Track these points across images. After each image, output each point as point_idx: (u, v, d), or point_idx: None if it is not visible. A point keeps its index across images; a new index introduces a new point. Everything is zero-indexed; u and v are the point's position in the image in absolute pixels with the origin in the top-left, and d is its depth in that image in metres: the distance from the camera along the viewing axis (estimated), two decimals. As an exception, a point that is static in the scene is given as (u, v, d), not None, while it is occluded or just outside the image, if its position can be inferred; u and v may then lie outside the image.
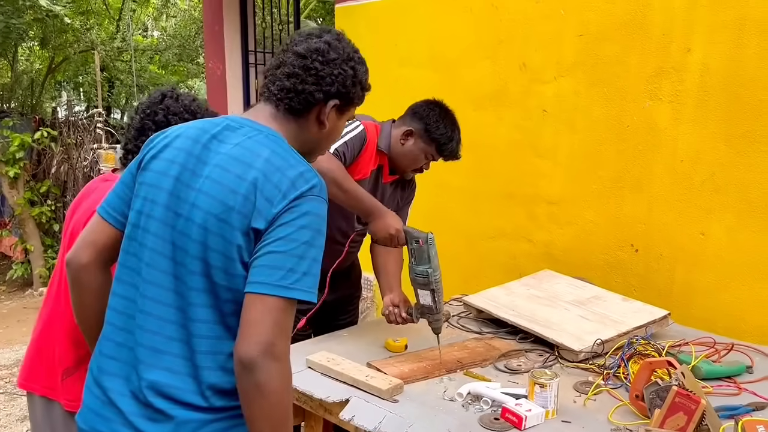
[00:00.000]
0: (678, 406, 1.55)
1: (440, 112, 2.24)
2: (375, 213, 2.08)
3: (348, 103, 1.44)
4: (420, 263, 1.99)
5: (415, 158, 2.25)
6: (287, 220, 1.23)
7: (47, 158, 6.20)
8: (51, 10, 6.87)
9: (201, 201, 1.26)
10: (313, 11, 10.81)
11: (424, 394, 1.86)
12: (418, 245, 1.99)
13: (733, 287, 2.61)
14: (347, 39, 1.46)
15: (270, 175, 1.25)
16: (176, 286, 1.27)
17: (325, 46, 1.38)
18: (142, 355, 1.29)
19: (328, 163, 2.02)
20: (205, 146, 1.31)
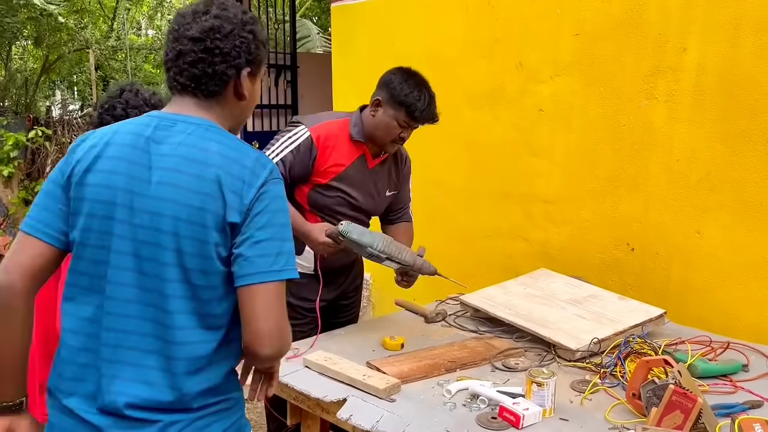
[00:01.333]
0: (675, 404, 1.55)
1: (402, 75, 2.20)
2: (303, 233, 2.16)
3: (258, 66, 1.40)
4: (359, 249, 2.10)
5: (388, 127, 2.20)
6: (261, 209, 1.26)
7: (42, 157, 6.17)
8: (45, 8, 6.84)
9: (163, 208, 1.24)
10: (309, 10, 10.80)
11: (421, 393, 1.86)
12: (342, 240, 2.09)
13: (728, 286, 2.62)
14: (232, 3, 1.37)
15: (229, 169, 1.25)
16: (148, 298, 1.25)
17: (218, 22, 1.31)
18: (113, 371, 1.27)
19: None
20: (144, 150, 1.27)
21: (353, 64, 4.02)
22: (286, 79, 6.08)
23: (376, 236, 2.12)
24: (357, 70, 4.00)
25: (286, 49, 6.11)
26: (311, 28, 9.61)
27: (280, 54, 6.02)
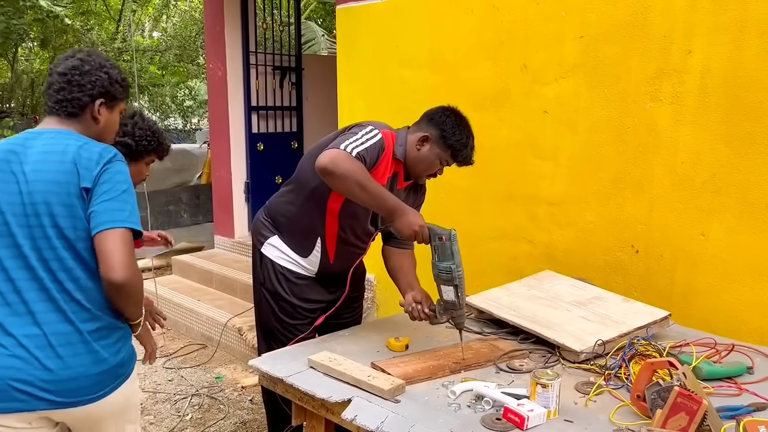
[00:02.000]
0: (680, 406, 1.55)
1: (456, 119, 2.26)
2: (398, 211, 2.10)
3: (112, 99, 1.81)
4: (443, 260, 2.04)
5: (431, 163, 2.27)
6: (105, 179, 1.68)
7: (48, 158, 6.20)
8: (52, 10, 6.88)
9: (35, 188, 1.66)
10: (314, 12, 10.83)
11: (426, 394, 1.86)
12: (441, 242, 2.04)
13: (733, 288, 2.62)
14: (98, 53, 1.88)
15: (82, 153, 1.68)
16: (36, 256, 1.66)
17: (79, 62, 1.77)
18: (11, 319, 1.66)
19: (351, 164, 2.04)
20: (16, 153, 1.69)
21: (358, 66, 4.03)
22: (291, 81, 6.10)
23: (461, 262, 2.07)
24: (362, 72, 4.01)
25: (291, 52, 6.13)
26: (316, 30, 9.63)
27: (285, 56, 6.03)
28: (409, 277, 2.38)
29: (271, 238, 2.44)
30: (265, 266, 2.44)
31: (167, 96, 13.18)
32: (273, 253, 2.42)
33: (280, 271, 2.41)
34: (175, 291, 5.13)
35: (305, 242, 2.38)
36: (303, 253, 2.39)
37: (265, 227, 2.47)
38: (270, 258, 2.43)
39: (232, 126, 5.71)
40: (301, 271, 2.42)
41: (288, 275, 2.41)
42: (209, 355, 4.31)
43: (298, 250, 2.40)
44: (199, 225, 7.25)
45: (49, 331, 1.66)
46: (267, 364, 2.09)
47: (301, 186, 2.35)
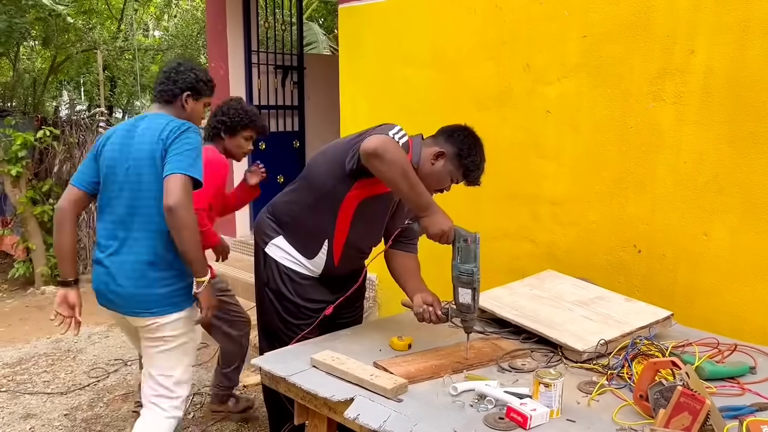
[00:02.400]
0: (683, 406, 1.55)
1: (473, 140, 2.27)
2: (430, 209, 2.10)
3: (197, 93, 2.47)
4: (466, 262, 2.05)
5: (442, 180, 2.28)
6: (177, 143, 2.26)
7: (49, 157, 6.18)
8: (54, 9, 6.87)
9: (137, 154, 2.29)
10: (315, 11, 10.82)
11: (429, 393, 1.86)
12: (465, 244, 2.05)
13: (735, 288, 2.62)
14: (192, 62, 2.61)
15: (167, 127, 2.29)
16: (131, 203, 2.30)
17: (176, 65, 2.48)
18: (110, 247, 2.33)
19: (399, 152, 2.03)
20: (129, 131, 2.36)
21: (360, 65, 4.03)
22: (292, 81, 6.10)
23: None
24: (364, 72, 4.01)
25: (293, 51, 6.13)
26: (317, 32, 9.62)
27: (287, 55, 6.03)
28: (416, 279, 2.38)
29: (275, 238, 2.43)
30: (269, 266, 2.44)
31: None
32: (277, 254, 2.42)
33: (284, 272, 2.41)
34: (176, 290, 5.12)
35: (311, 244, 2.38)
36: (308, 255, 2.39)
37: (270, 227, 2.46)
38: (274, 258, 2.42)
39: (234, 125, 5.70)
40: (305, 272, 2.42)
41: (292, 275, 2.41)
42: (210, 354, 4.31)
43: (303, 251, 2.39)
44: (201, 224, 7.25)
45: (128, 259, 2.29)
46: (269, 363, 2.09)
47: (312, 187, 2.34)
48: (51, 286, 6.04)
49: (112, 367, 4.11)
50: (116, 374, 4.00)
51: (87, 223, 6.30)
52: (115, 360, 4.22)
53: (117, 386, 3.83)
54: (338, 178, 2.25)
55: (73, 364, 4.18)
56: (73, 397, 3.69)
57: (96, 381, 3.90)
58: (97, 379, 3.92)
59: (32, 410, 3.53)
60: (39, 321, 5.12)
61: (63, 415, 3.48)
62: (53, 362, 4.22)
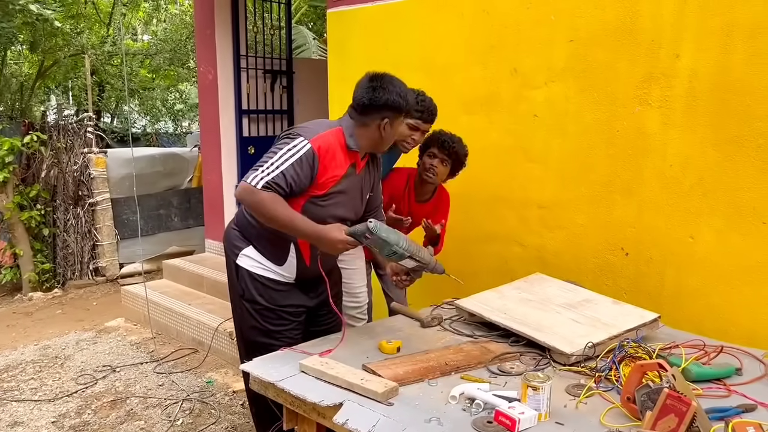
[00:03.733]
0: (669, 408, 1.56)
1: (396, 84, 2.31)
2: (317, 235, 2.17)
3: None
4: (382, 249, 2.11)
5: (402, 134, 2.40)
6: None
7: (37, 162, 6.14)
8: (41, 13, 6.83)
9: None
10: (304, 16, 10.82)
11: (418, 397, 1.86)
12: (369, 238, 2.09)
13: (721, 290, 2.64)
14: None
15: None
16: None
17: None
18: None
19: (254, 198, 2.15)
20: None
21: (349, 69, 4.03)
22: (281, 85, 6.10)
23: (400, 235, 2.13)
24: (353, 76, 3.97)
25: (282, 55, 6.13)
26: (307, 35, 9.62)
27: (275, 59, 6.03)
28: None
29: (245, 248, 2.41)
30: (242, 277, 2.41)
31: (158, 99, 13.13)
32: (248, 263, 2.40)
33: (258, 281, 2.39)
34: (165, 295, 5.10)
35: (278, 250, 2.37)
36: (278, 262, 2.37)
37: (237, 238, 2.44)
38: (246, 269, 2.40)
39: (223, 129, 5.70)
40: (280, 278, 2.39)
41: (267, 283, 2.39)
42: (200, 360, 4.29)
43: (273, 259, 2.38)
44: (190, 229, 7.21)
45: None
46: (258, 368, 2.09)
47: None
48: (38, 292, 6.00)
49: (100, 373, 4.08)
50: (104, 381, 3.98)
51: (75, 228, 6.26)
52: (104, 366, 4.19)
53: (105, 393, 3.81)
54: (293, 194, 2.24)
55: (61, 370, 4.15)
56: (61, 404, 3.67)
57: (84, 388, 3.87)
58: (85, 386, 3.89)
59: (19, 418, 3.50)
60: (26, 327, 5.08)
61: (51, 422, 3.45)
62: (41, 369, 4.18)
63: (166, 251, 6.53)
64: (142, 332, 4.90)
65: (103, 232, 6.36)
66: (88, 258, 6.36)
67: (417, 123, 2.81)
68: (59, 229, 6.27)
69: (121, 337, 4.80)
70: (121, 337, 4.80)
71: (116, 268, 6.46)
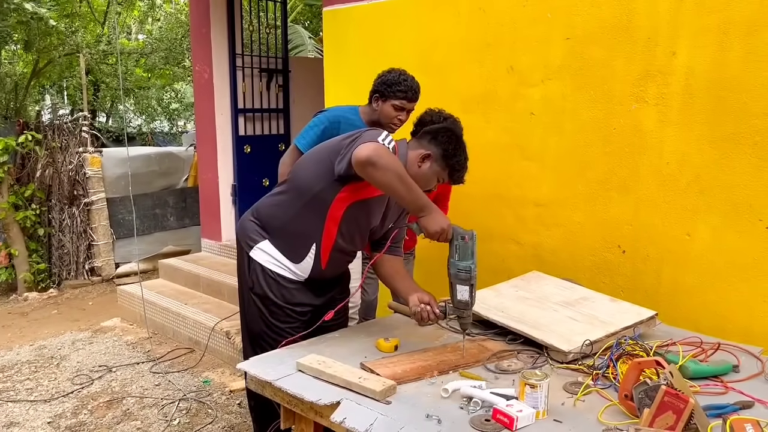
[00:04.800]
0: (667, 405, 1.56)
1: (458, 141, 2.29)
2: (428, 209, 2.15)
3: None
4: (463, 259, 2.10)
5: (429, 180, 2.30)
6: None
7: (32, 162, 6.11)
8: (36, 12, 6.80)
9: None
10: (300, 14, 10.80)
11: (416, 396, 1.86)
12: (463, 241, 2.10)
13: (718, 287, 2.64)
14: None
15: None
16: None
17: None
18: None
19: (392, 157, 2.09)
20: None
21: (345, 67, 4.03)
22: (277, 84, 6.08)
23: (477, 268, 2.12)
24: (349, 74, 4.01)
25: (278, 54, 6.11)
26: (304, 35, 9.60)
27: (272, 58, 6.02)
28: (408, 280, 2.42)
29: (261, 242, 2.41)
30: (254, 270, 2.42)
31: (153, 99, 13.10)
32: (262, 258, 2.40)
33: (270, 276, 2.39)
34: (161, 295, 5.09)
35: (299, 248, 2.37)
36: (295, 259, 2.38)
37: (255, 231, 2.44)
38: (260, 262, 2.41)
39: (219, 128, 5.69)
40: (292, 276, 2.40)
41: (279, 279, 2.39)
42: (197, 359, 4.29)
43: (290, 256, 2.38)
44: (186, 228, 7.19)
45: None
46: (255, 367, 2.08)
47: (300, 192, 2.33)
48: (34, 292, 5.97)
49: (97, 373, 4.07)
50: (100, 381, 3.96)
51: (71, 228, 6.24)
52: (100, 366, 4.18)
53: (101, 393, 3.79)
54: (326, 182, 2.24)
55: (57, 371, 4.14)
56: (57, 404, 3.65)
57: (80, 388, 3.86)
58: (81, 386, 3.88)
59: (15, 418, 3.48)
60: (22, 327, 5.06)
61: (46, 422, 3.44)
62: (36, 369, 4.17)
63: (162, 251, 6.51)
64: (139, 332, 4.89)
65: (99, 231, 6.34)
66: (84, 258, 6.34)
67: (402, 103, 2.91)
68: (54, 228, 6.25)
69: (117, 337, 4.79)
70: (117, 337, 4.79)
71: (112, 268, 6.44)
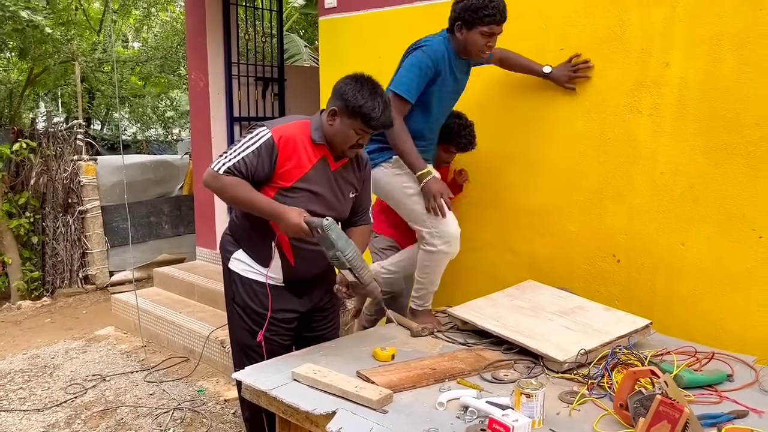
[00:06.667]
0: (662, 414, 1.57)
1: (356, 84, 2.24)
2: (276, 214, 2.19)
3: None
4: (328, 248, 2.12)
5: (346, 135, 2.25)
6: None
7: (26, 170, 6.09)
8: (32, 20, 6.80)
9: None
10: (296, 23, 10.83)
11: (412, 405, 1.86)
12: (320, 234, 2.11)
13: (712, 297, 2.66)
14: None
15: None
16: None
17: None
18: None
19: (218, 182, 2.22)
20: None
21: (341, 76, 4.03)
22: (273, 92, 6.10)
23: (350, 244, 2.14)
24: (345, 84, 4.01)
25: (274, 62, 6.13)
26: (299, 43, 9.63)
27: (267, 67, 6.03)
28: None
29: (235, 252, 2.42)
30: (234, 281, 2.42)
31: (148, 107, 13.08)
32: (239, 267, 2.40)
33: (248, 284, 2.39)
34: (156, 303, 5.07)
35: (263, 251, 2.37)
36: (265, 263, 2.37)
37: (229, 242, 2.46)
38: (237, 272, 2.40)
39: (214, 137, 5.69)
40: (269, 282, 2.39)
41: (256, 287, 2.38)
42: (191, 368, 4.27)
43: (259, 261, 2.38)
44: (181, 236, 7.18)
45: None
46: (250, 376, 2.08)
47: None
48: (27, 300, 5.94)
49: (90, 383, 4.04)
50: (94, 390, 3.94)
51: (65, 236, 6.22)
52: (93, 375, 4.16)
53: (95, 402, 3.77)
54: (258, 182, 2.26)
55: (50, 380, 4.11)
56: (50, 414, 3.63)
57: (73, 397, 3.83)
58: (75, 396, 3.85)
59: (8, 428, 3.46)
60: (15, 336, 5.03)
61: (39, 432, 3.42)
62: (29, 378, 4.14)
63: (156, 259, 6.49)
64: (133, 341, 4.87)
65: (93, 239, 6.32)
66: (78, 266, 6.31)
67: (491, 28, 2.67)
68: (48, 237, 6.23)
69: (111, 345, 4.77)
70: (111, 345, 4.77)
71: (106, 276, 6.42)
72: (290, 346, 2.49)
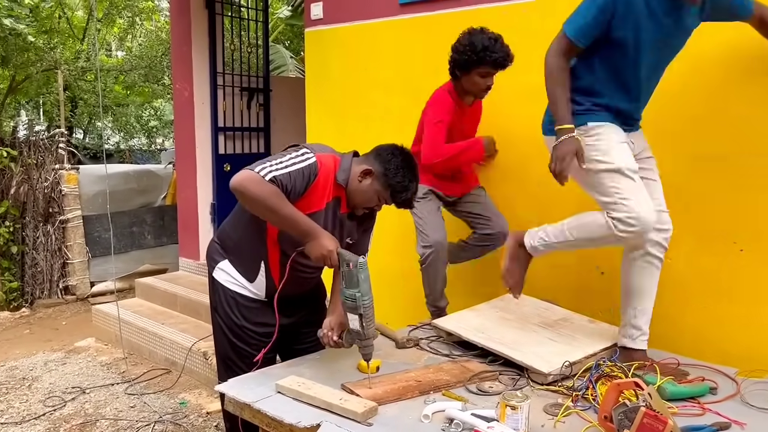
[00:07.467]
0: (646, 426, 1.58)
1: (402, 161, 2.23)
2: (311, 234, 2.11)
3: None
4: (349, 286, 2.02)
5: (369, 198, 2.25)
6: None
7: (6, 179, 6.02)
8: (14, 28, 6.75)
9: None
10: (282, 34, 10.85)
11: (397, 417, 1.85)
12: (348, 268, 2.02)
13: (694, 310, 2.68)
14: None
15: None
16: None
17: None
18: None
19: (261, 188, 2.05)
20: None
21: (326, 88, 4.05)
22: (258, 103, 6.09)
23: (371, 293, 2.05)
24: (330, 95, 4.03)
25: (259, 73, 6.13)
26: (285, 54, 9.64)
27: (252, 77, 6.03)
28: (337, 299, 2.29)
29: (221, 262, 2.39)
30: (217, 291, 2.39)
31: (132, 116, 13.01)
32: (223, 278, 2.38)
33: (230, 296, 2.36)
34: (137, 314, 5.02)
35: (250, 267, 2.34)
36: (250, 278, 2.34)
37: (216, 251, 2.42)
38: (221, 282, 2.38)
39: (199, 146, 5.66)
40: (251, 295, 2.36)
41: (238, 299, 2.35)
42: (173, 381, 4.22)
43: (245, 274, 2.35)
44: (164, 247, 7.11)
45: None
46: (233, 389, 2.06)
47: (243, 209, 2.30)
48: (5, 311, 5.84)
49: (70, 395, 3.98)
50: (74, 403, 3.88)
51: (45, 246, 6.14)
52: (73, 388, 4.09)
53: (74, 415, 3.71)
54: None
55: (29, 392, 4.04)
56: (28, 427, 3.56)
57: (52, 410, 3.77)
58: (54, 408, 3.79)
59: (-16, 442, 3.40)
60: (-8, 348, 4.95)
61: (16, 446, 3.35)
62: (7, 391, 4.07)
63: (138, 269, 6.42)
64: (114, 352, 4.80)
65: (74, 249, 6.24)
66: (58, 276, 6.23)
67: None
68: (28, 246, 6.14)
69: (92, 357, 4.70)
70: (92, 357, 4.70)
71: (87, 287, 6.34)
72: (273, 359, 2.47)
